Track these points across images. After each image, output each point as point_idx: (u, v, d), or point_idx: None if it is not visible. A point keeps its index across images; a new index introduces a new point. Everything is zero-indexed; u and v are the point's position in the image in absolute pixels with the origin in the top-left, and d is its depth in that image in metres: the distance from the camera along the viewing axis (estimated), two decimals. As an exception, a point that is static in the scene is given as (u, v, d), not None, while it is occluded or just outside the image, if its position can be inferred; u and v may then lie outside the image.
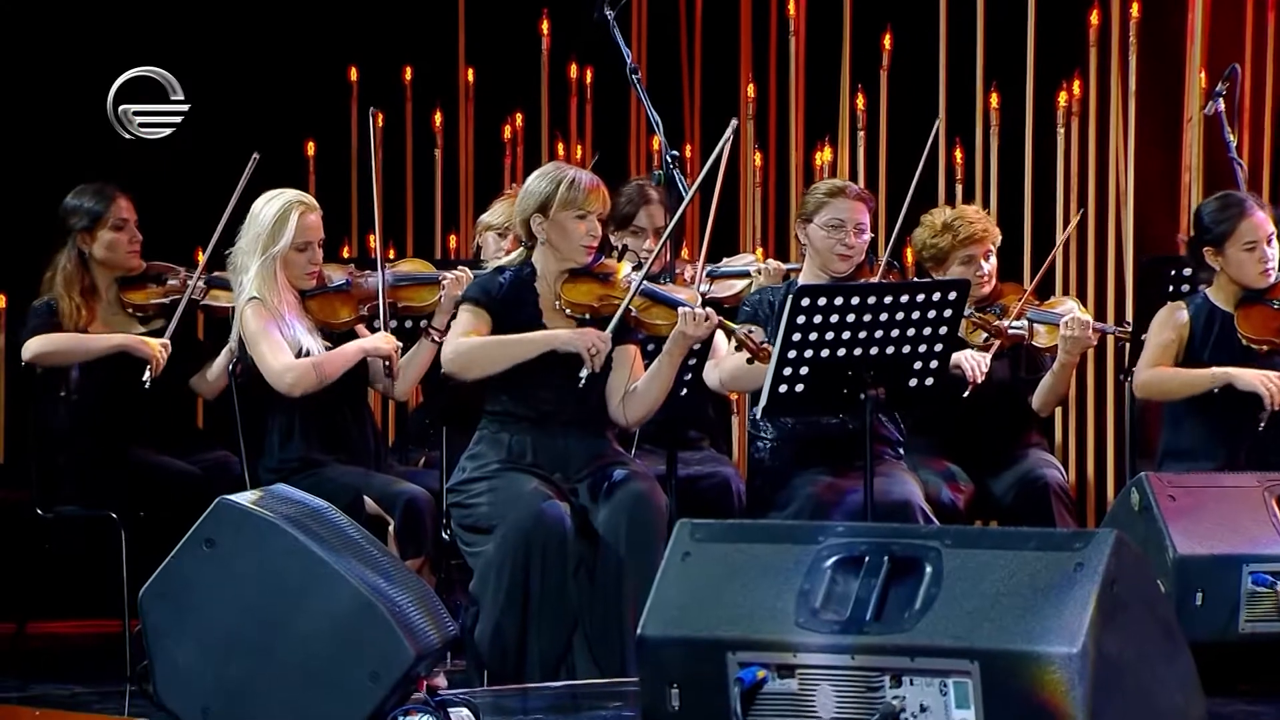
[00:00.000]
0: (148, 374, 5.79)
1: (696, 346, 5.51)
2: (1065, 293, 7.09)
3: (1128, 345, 6.06)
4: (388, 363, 5.61)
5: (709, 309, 5.24)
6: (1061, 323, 5.80)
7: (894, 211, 5.93)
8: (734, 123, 5.47)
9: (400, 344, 5.65)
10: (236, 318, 5.62)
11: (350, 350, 5.61)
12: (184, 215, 6.68)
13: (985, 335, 5.88)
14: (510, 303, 5.30)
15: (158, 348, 5.83)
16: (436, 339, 5.72)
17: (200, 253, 6.71)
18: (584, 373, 5.18)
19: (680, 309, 5.20)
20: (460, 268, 5.80)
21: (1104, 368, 7.23)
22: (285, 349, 5.53)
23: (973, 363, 5.68)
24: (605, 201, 5.36)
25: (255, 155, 5.88)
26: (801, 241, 5.74)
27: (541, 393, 5.28)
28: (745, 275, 6.16)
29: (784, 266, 6.08)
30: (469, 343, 5.24)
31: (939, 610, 3.75)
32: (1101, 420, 7.25)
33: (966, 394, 5.70)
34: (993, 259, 6.04)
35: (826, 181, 5.87)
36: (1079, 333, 5.79)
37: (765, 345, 5.24)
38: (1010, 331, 5.88)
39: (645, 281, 5.29)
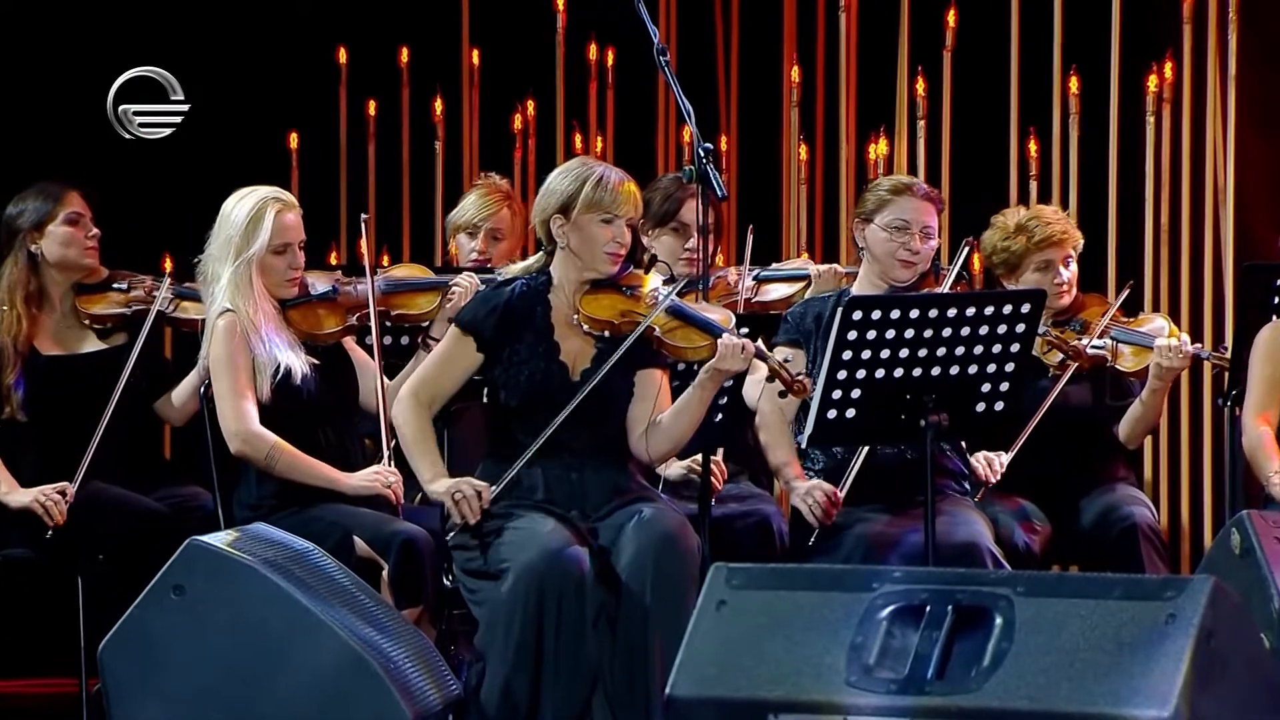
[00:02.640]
0: (49, 529, 5.74)
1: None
2: (1155, 305, 7.09)
3: (1225, 372, 6.05)
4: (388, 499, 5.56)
5: (747, 340, 5.22)
6: (1155, 348, 5.79)
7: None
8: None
9: (401, 475, 5.59)
10: (207, 333, 5.63)
11: (321, 475, 5.56)
12: (150, 216, 6.72)
13: (1061, 356, 5.87)
14: (516, 316, 5.32)
15: (44, 495, 5.73)
16: (436, 353, 5.75)
17: (168, 259, 6.75)
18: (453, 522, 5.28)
19: (720, 340, 5.20)
20: (468, 274, 5.82)
21: (1200, 391, 7.22)
22: (248, 398, 5.52)
23: (984, 461, 5.70)
24: (637, 205, 5.37)
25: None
26: (859, 244, 5.75)
27: (551, 422, 5.29)
28: (796, 279, 6.17)
29: (843, 270, 6.08)
30: (404, 409, 5.34)
31: (1010, 668, 3.76)
32: (1197, 451, 7.24)
33: (978, 498, 5.71)
34: (1073, 266, 6.04)
35: (891, 178, 5.88)
36: (1176, 363, 5.78)
37: (801, 378, 5.23)
38: (1090, 352, 5.87)
39: (674, 298, 5.29)
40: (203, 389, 5.73)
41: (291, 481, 5.58)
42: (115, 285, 6.08)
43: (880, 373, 5.20)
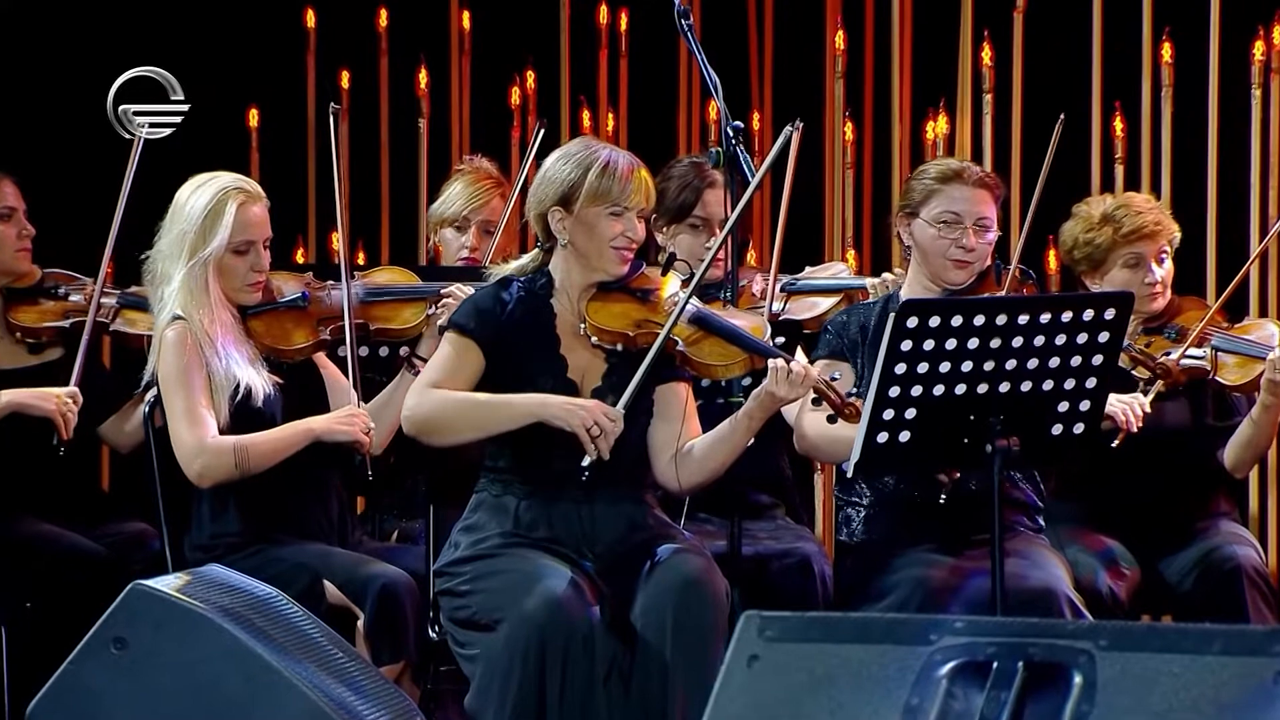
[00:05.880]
0: (58, 439, 5.82)
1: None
2: (1263, 308, 7.09)
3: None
4: (358, 450, 5.61)
5: (805, 364, 5.23)
6: (1268, 362, 5.79)
7: (1031, 201, 5.93)
8: (795, 125, 5.46)
9: (372, 425, 5.62)
10: (155, 344, 5.65)
11: (293, 434, 5.59)
12: (84, 206, 6.75)
13: (1149, 375, 5.84)
14: (517, 327, 5.32)
15: (61, 401, 5.84)
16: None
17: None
18: (586, 462, 5.20)
19: (772, 363, 5.21)
20: (458, 285, 5.83)
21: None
22: (204, 418, 5.52)
23: (1123, 406, 5.69)
24: (649, 194, 5.38)
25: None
26: (905, 242, 5.76)
27: (556, 446, 5.31)
28: (832, 292, 6.16)
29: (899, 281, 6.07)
30: (434, 399, 5.27)
31: (1092, 733, 3.77)
32: (1312, 481, 7.26)
33: (1116, 443, 5.70)
34: (1168, 263, 6.04)
35: (938, 162, 5.89)
36: None
37: (853, 399, 5.24)
38: (1186, 363, 5.86)
39: (695, 303, 5.29)
40: (146, 409, 5.74)
41: (252, 519, 5.60)
42: (50, 289, 6.09)
43: (939, 389, 5.21)
